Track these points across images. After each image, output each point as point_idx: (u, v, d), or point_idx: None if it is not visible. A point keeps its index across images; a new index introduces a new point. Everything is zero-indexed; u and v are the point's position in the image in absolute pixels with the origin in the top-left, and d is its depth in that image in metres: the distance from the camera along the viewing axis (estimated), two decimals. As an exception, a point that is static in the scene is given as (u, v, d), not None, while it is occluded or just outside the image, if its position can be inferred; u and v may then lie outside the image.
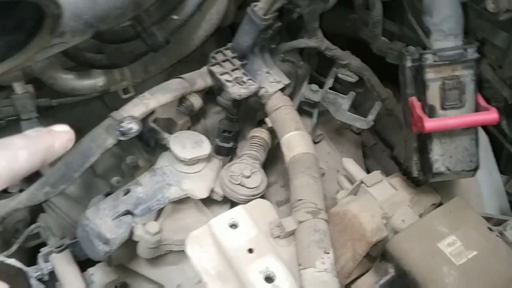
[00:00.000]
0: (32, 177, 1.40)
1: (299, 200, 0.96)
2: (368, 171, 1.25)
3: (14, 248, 1.22)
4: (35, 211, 1.43)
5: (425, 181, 1.05)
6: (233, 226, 0.94)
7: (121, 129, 0.97)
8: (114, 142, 1.00)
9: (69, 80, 1.17)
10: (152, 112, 1.10)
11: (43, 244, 1.29)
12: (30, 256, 1.34)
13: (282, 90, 1.18)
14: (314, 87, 1.34)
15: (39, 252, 1.20)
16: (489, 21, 1.19)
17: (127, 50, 1.15)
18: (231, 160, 1.32)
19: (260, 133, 1.24)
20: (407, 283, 0.88)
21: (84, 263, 1.19)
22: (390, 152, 1.46)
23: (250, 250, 0.90)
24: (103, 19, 0.85)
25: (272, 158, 1.32)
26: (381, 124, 1.43)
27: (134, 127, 0.98)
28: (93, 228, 1.02)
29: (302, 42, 1.26)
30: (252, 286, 0.86)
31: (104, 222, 1.02)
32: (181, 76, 1.12)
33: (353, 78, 1.32)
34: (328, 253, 0.89)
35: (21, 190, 1.44)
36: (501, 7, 1.05)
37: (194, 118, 1.33)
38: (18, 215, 1.39)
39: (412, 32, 1.28)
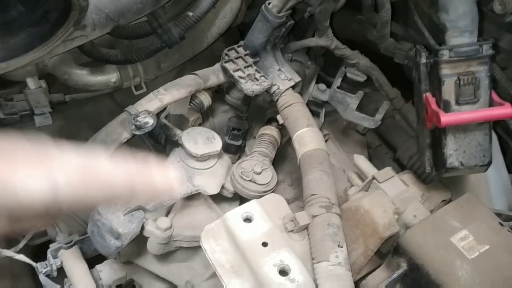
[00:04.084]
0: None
1: (313, 194, 0.97)
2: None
3: (21, 244, 1.21)
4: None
5: (435, 177, 1.07)
6: (247, 220, 0.95)
7: (136, 123, 0.98)
8: (129, 136, 1.01)
9: (83, 76, 1.18)
10: (164, 109, 1.11)
11: (48, 242, 1.29)
12: (34, 253, 1.34)
13: (293, 87, 1.19)
14: (322, 86, 1.35)
15: (44, 249, 1.20)
16: (495, 22, 1.21)
17: (141, 46, 1.16)
18: (239, 158, 1.33)
19: (270, 131, 1.25)
20: (420, 277, 0.89)
21: (91, 260, 1.19)
22: (393, 154, 1.48)
23: (264, 244, 0.91)
24: (123, 13, 0.87)
25: (280, 157, 1.33)
26: (384, 126, 1.44)
27: (149, 121, 0.99)
28: (105, 223, 1.02)
29: (313, 41, 1.27)
30: (266, 279, 0.87)
31: (116, 217, 1.02)
32: (194, 72, 1.13)
33: (361, 78, 1.33)
34: (341, 247, 0.90)
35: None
36: (507, 9, 1.07)
37: (203, 117, 1.34)
38: (24, 212, 1.39)
39: (417, 33, 1.30)
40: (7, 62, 0.77)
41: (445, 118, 0.85)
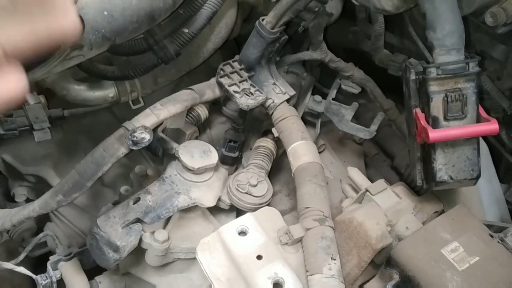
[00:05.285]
0: (40, 188, 1.44)
1: (306, 208, 0.99)
2: (370, 181, 1.27)
3: (22, 256, 1.23)
4: (41, 220, 1.45)
5: (426, 190, 1.08)
6: (242, 233, 0.97)
7: (133, 138, 1.00)
8: (126, 152, 1.02)
9: (81, 91, 1.20)
10: (161, 123, 1.13)
11: (48, 254, 1.30)
12: (34, 265, 1.36)
13: (288, 100, 1.21)
14: (318, 98, 1.37)
15: (44, 261, 1.21)
16: (487, 34, 1.23)
17: (138, 62, 1.18)
18: (236, 169, 1.35)
19: (266, 143, 1.27)
20: (411, 288, 0.91)
21: (91, 271, 1.20)
22: (391, 163, 1.50)
23: (259, 257, 0.93)
24: (119, 33, 0.88)
25: (276, 168, 1.34)
26: (381, 134, 1.46)
27: (146, 136, 1.00)
28: (104, 235, 1.04)
29: (307, 54, 1.29)
30: (261, 292, 0.89)
31: (114, 229, 1.04)
32: (190, 87, 1.15)
33: (356, 89, 1.35)
34: (335, 259, 0.92)
35: (27, 200, 1.46)
36: (499, 21, 1.10)
37: (200, 129, 1.36)
38: (25, 224, 1.41)
39: (412, 44, 1.32)
40: (5, 83, 0.79)
41: (433, 134, 0.87)
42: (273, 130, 1.21)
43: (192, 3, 1.12)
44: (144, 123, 1.04)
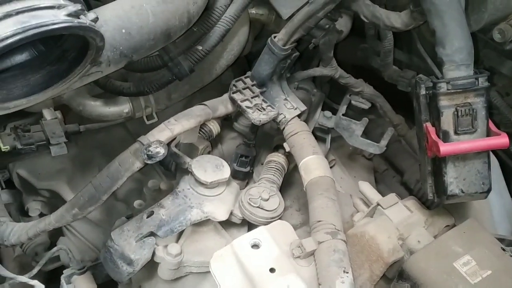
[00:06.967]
0: (54, 202, 1.46)
1: (318, 221, 1.00)
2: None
3: (35, 270, 1.24)
4: (54, 235, 1.47)
5: (437, 205, 1.09)
6: (255, 246, 0.98)
7: (148, 153, 1.01)
8: (141, 166, 1.04)
9: (97, 107, 1.22)
10: (174, 138, 1.15)
11: (60, 268, 1.31)
12: (46, 279, 1.37)
13: (299, 116, 1.23)
14: (328, 113, 1.39)
15: (56, 275, 1.22)
16: (495, 50, 1.25)
17: (153, 78, 1.20)
18: (247, 184, 1.36)
19: (277, 158, 1.28)
20: (424, 301, 0.91)
21: (103, 286, 1.21)
22: (400, 178, 1.50)
23: (272, 270, 0.94)
24: (136, 50, 0.91)
25: (287, 183, 1.35)
26: (391, 150, 1.47)
27: (161, 151, 1.02)
28: (117, 249, 1.05)
29: (318, 71, 1.32)
30: (274, 305, 0.89)
31: (128, 243, 1.05)
32: (203, 103, 1.17)
33: (366, 105, 1.37)
34: (347, 272, 0.92)
35: (41, 214, 1.48)
36: (506, 37, 1.12)
37: (211, 144, 1.38)
38: (39, 238, 1.42)
39: (421, 60, 1.34)
40: (27, 98, 0.81)
41: (444, 148, 0.88)
42: (285, 145, 1.22)
43: (206, 21, 1.15)
44: (159, 137, 1.06)
